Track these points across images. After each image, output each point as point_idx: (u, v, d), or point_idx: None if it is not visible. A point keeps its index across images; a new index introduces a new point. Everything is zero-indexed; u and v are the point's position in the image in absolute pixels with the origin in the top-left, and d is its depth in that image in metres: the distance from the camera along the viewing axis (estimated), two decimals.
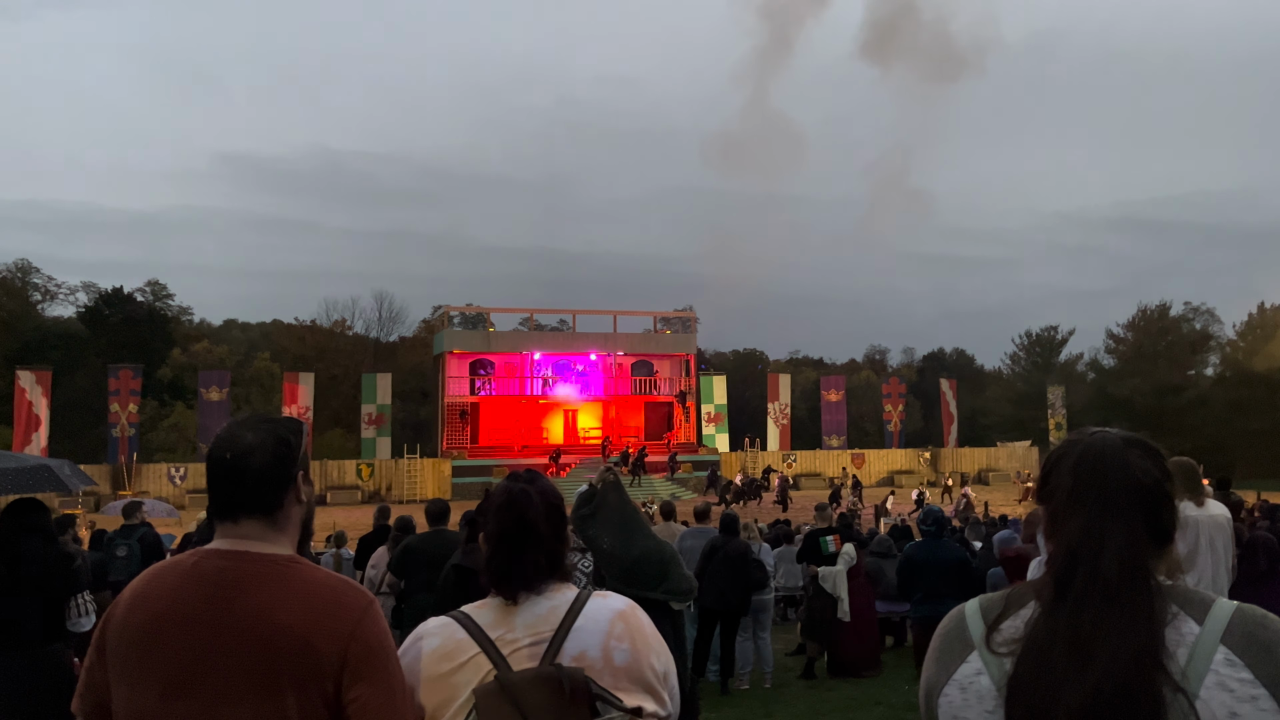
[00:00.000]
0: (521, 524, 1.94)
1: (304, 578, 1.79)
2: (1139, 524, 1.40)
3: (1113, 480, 1.43)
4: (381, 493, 40.46)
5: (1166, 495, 1.44)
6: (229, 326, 77.40)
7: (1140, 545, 1.39)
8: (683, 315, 55.41)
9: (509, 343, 48.42)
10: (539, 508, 1.96)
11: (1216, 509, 5.23)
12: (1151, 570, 1.39)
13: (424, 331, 66.75)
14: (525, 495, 1.98)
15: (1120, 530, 1.39)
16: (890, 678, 9.59)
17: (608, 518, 5.65)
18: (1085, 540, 1.40)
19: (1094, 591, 1.35)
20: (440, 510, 7.90)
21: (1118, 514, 1.41)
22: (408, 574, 7.40)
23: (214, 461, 1.86)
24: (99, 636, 1.82)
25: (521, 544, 1.92)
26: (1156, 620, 1.33)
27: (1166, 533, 1.44)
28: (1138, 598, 1.34)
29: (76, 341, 56.26)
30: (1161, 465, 1.47)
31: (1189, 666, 1.31)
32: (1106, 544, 1.38)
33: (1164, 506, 1.44)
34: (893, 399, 51.64)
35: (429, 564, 7.19)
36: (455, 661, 1.83)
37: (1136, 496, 1.42)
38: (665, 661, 1.94)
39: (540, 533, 1.94)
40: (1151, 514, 1.42)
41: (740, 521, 9.74)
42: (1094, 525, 1.40)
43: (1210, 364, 65.16)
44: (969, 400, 62.16)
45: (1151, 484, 1.43)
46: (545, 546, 1.94)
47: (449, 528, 7.82)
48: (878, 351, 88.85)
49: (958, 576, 7.69)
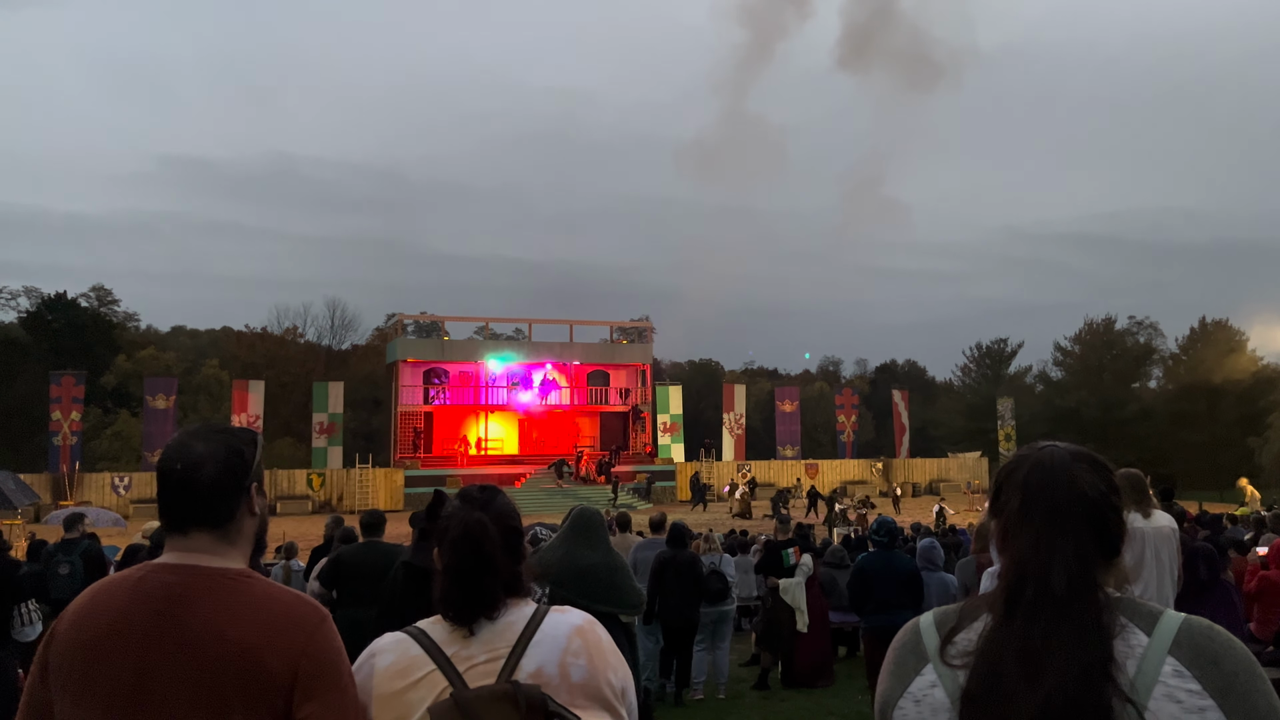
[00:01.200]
0: (478, 557, 1.89)
1: (255, 592, 1.76)
2: (1087, 537, 1.42)
3: (1060, 494, 1.45)
4: (333, 503, 39.88)
5: (1113, 508, 1.46)
6: (177, 333, 75.96)
7: (1088, 558, 1.41)
8: (639, 325, 55.44)
9: (464, 352, 48.12)
10: (495, 539, 1.91)
11: (1163, 520, 5.34)
12: (1100, 583, 1.41)
13: (377, 340, 66.09)
14: (481, 526, 1.91)
15: (1068, 544, 1.41)
16: (843, 688, 9.65)
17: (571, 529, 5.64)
18: (1034, 554, 1.42)
19: (1044, 605, 1.37)
20: (375, 521, 7.75)
21: (1065, 528, 1.42)
22: (338, 585, 7.25)
23: (164, 472, 1.82)
24: (42, 653, 1.77)
25: (478, 576, 1.88)
26: (1105, 632, 1.35)
27: (1114, 545, 1.46)
28: (1086, 610, 1.36)
29: (17, 347, 54.85)
30: (1108, 478, 1.49)
31: (1137, 678, 1.33)
32: (1055, 558, 1.40)
33: (1111, 519, 1.46)
34: (846, 410, 52.12)
35: (360, 576, 7.10)
36: (410, 679, 1.80)
37: (1083, 510, 1.44)
38: (623, 677, 1.92)
39: (497, 564, 1.90)
40: (1099, 527, 1.44)
41: (691, 532, 9.75)
42: (1043, 539, 1.42)
43: (1154, 377, 66.70)
44: (920, 411, 62.96)
45: (1098, 497, 1.45)
46: (502, 575, 1.90)
47: (384, 539, 7.72)
48: (831, 363, 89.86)
49: (910, 587, 7.76)
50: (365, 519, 7.82)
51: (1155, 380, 66.42)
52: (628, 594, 5.64)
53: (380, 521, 7.79)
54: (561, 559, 5.53)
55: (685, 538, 9.32)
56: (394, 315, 57.37)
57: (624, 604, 5.53)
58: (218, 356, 61.67)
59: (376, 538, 7.63)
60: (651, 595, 8.76)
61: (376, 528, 7.69)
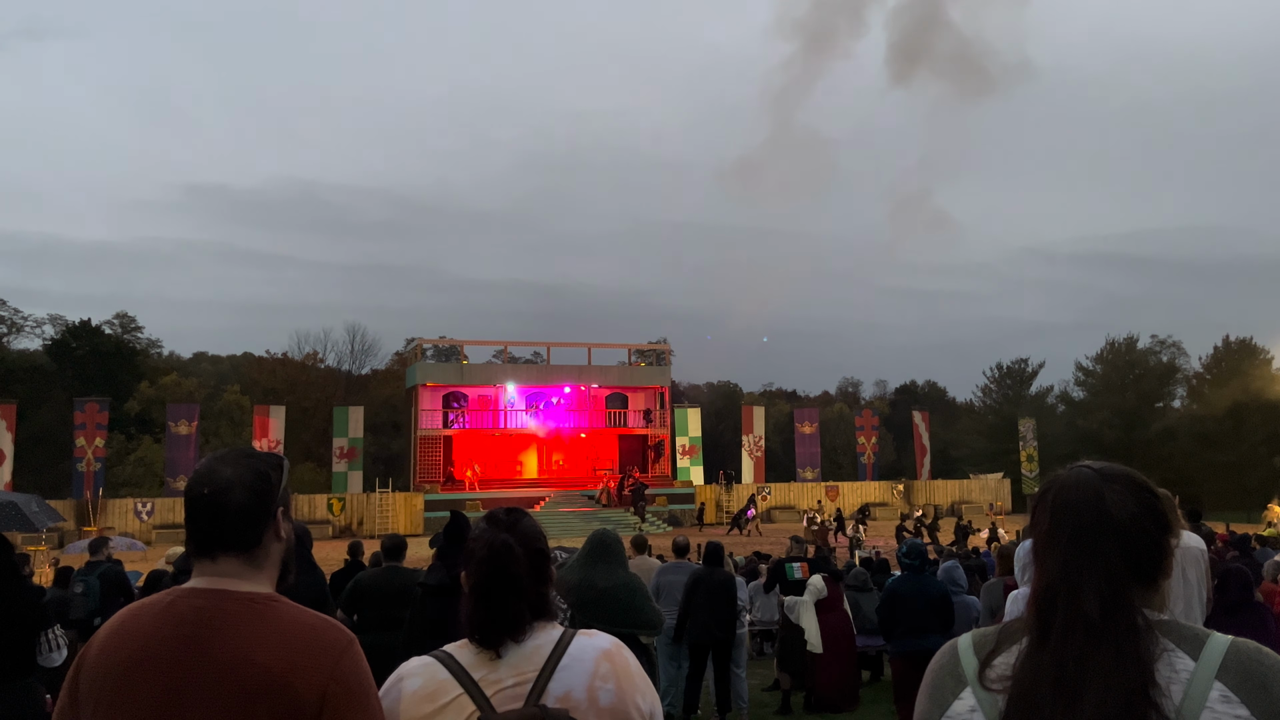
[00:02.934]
0: (505, 579, 1.89)
1: (283, 616, 1.76)
2: (1118, 560, 1.39)
3: (1086, 516, 1.42)
4: (353, 527, 40.00)
5: (1145, 531, 1.42)
6: (198, 359, 76.67)
7: (1120, 581, 1.38)
8: (657, 348, 55.47)
9: (482, 375, 48.26)
10: (521, 560, 1.91)
11: (1191, 540, 5.29)
12: (1136, 606, 1.37)
13: (397, 364, 66.41)
14: (507, 549, 1.91)
15: (1097, 567, 1.38)
16: (867, 712, 9.54)
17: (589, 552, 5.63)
18: (1063, 577, 1.39)
19: (1076, 629, 1.34)
20: (396, 545, 7.75)
21: (1093, 550, 1.40)
22: (359, 610, 7.24)
23: (192, 497, 1.83)
24: (72, 677, 1.77)
25: (504, 598, 1.88)
26: (1145, 657, 1.31)
27: (1151, 568, 1.42)
28: (1122, 634, 1.33)
29: (42, 375, 55.41)
30: (1145, 500, 1.45)
31: (1184, 705, 1.30)
32: (1084, 581, 1.37)
33: (1144, 541, 1.41)
34: (866, 431, 51.83)
35: (381, 600, 7.09)
36: (438, 703, 1.79)
37: (1113, 532, 1.40)
38: (651, 701, 1.91)
39: (523, 585, 1.89)
40: (1131, 549, 1.40)
41: (725, 552, 9.67)
42: (1071, 562, 1.40)
43: (1177, 396, 66.05)
44: (941, 432, 62.57)
45: (1128, 519, 1.41)
46: (528, 597, 1.89)
47: (405, 565, 7.70)
48: (850, 384, 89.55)
49: (940, 611, 7.68)
50: (386, 543, 7.83)
51: (1179, 400, 65.80)
52: (647, 615, 5.62)
53: (401, 546, 7.80)
54: (580, 581, 5.52)
55: (720, 556, 9.26)
56: (413, 340, 57.65)
57: (643, 625, 5.50)
58: (239, 382, 62.15)
59: (397, 562, 7.63)
60: (683, 614, 8.69)
61: (397, 552, 7.70)
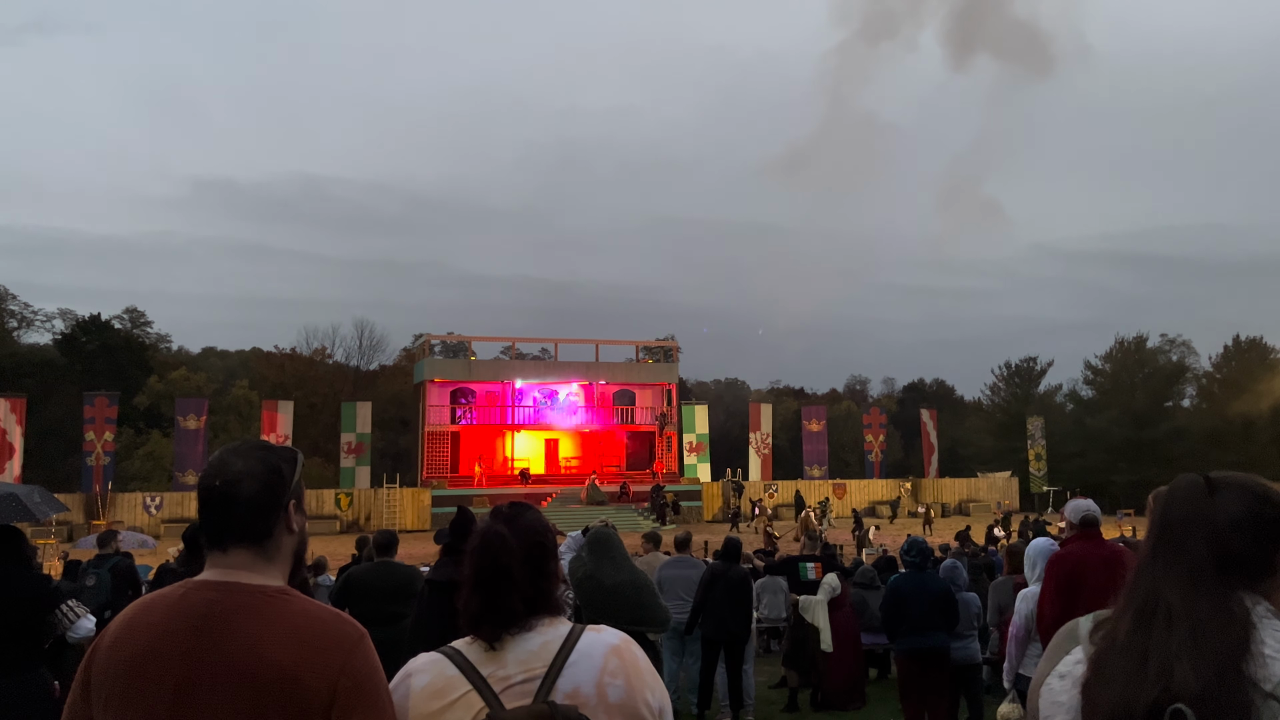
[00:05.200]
0: (495, 569, 1.89)
1: (294, 610, 1.76)
2: (1205, 558, 1.46)
3: (1175, 513, 1.52)
4: (360, 522, 40.09)
5: (1244, 533, 1.48)
6: (207, 354, 76.79)
7: (1205, 577, 1.44)
8: (664, 345, 55.44)
9: (490, 371, 48.30)
10: (515, 551, 1.91)
11: None
12: (1226, 597, 1.43)
13: (404, 360, 66.46)
14: (499, 539, 1.92)
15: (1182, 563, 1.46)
16: (874, 710, 9.54)
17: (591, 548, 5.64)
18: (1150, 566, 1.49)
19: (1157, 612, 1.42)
20: (387, 541, 7.70)
21: (1180, 547, 1.48)
22: (349, 605, 7.14)
23: (204, 489, 1.84)
24: (84, 669, 1.78)
25: (495, 589, 1.88)
26: (1235, 637, 1.37)
27: (1249, 568, 1.47)
28: (1203, 620, 1.39)
29: (52, 369, 55.60)
30: (1251, 506, 1.51)
31: None
32: (1169, 573, 1.46)
33: (1240, 543, 1.47)
34: (873, 429, 51.76)
35: (371, 595, 7.08)
36: (446, 699, 1.79)
37: (1204, 533, 1.48)
38: (660, 697, 1.91)
39: (515, 577, 1.89)
40: (1223, 550, 1.47)
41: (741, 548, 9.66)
42: (1159, 555, 1.49)
43: (1187, 396, 65.79)
44: (949, 430, 62.38)
45: (1225, 523, 1.49)
46: (521, 590, 1.88)
47: (398, 559, 7.68)
48: (858, 382, 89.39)
49: (944, 609, 7.66)
50: (378, 539, 7.80)
51: (1188, 399, 65.54)
52: (654, 612, 5.61)
53: (393, 542, 7.76)
54: (585, 579, 5.52)
55: (737, 553, 9.25)
56: (421, 336, 57.66)
57: (650, 622, 5.50)
58: (247, 377, 62.28)
59: (389, 557, 7.59)
60: (697, 608, 8.69)
61: (389, 548, 7.65)
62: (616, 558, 5.66)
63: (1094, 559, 5.08)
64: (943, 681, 7.72)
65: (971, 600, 8.78)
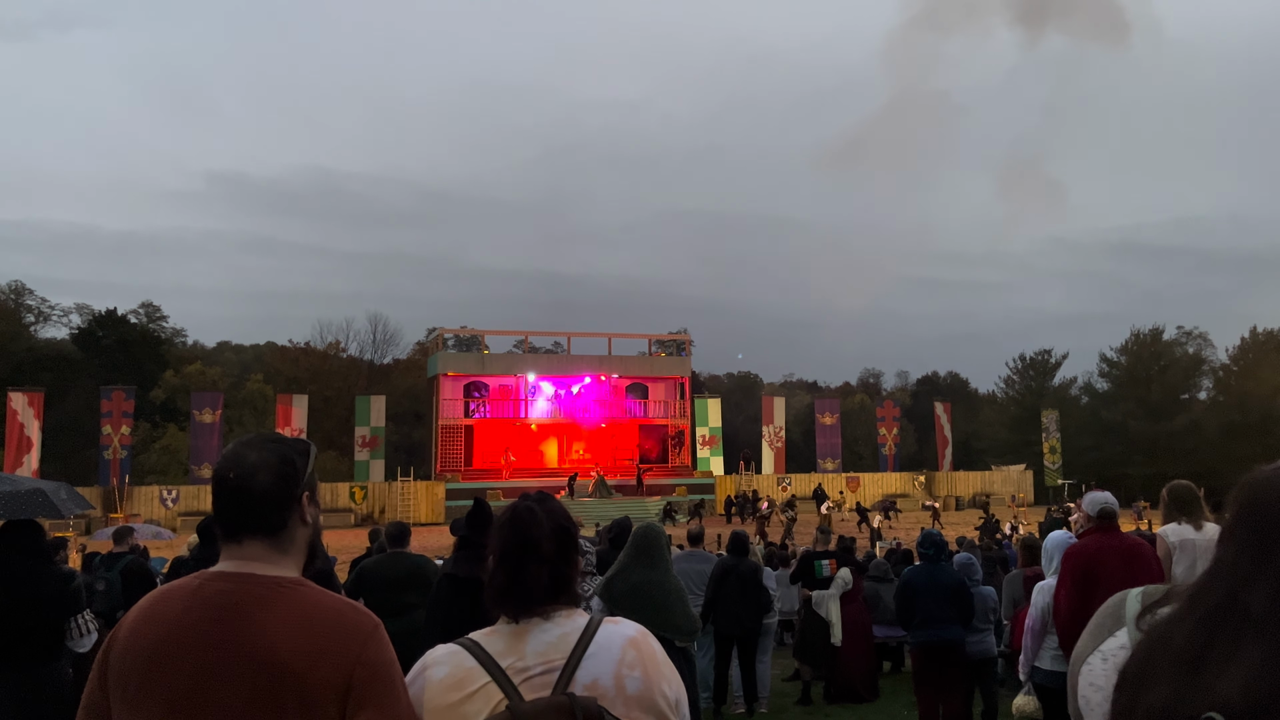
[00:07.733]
0: (524, 541, 1.90)
1: (308, 601, 1.76)
2: None
3: (1268, 514, 1.39)
4: (375, 515, 40.25)
5: None
6: (222, 348, 77.21)
7: None
8: (677, 338, 55.44)
9: (503, 365, 48.38)
10: (543, 525, 1.93)
11: (1214, 531, 5.22)
12: None
13: (418, 354, 66.66)
14: (530, 512, 1.95)
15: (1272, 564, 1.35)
16: (887, 703, 9.52)
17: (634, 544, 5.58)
18: (1234, 567, 1.37)
19: (1232, 615, 1.32)
20: (399, 532, 7.76)
21: (1269, 549, 1.37)
22: (363, 596, 7.18)
23: (218, 481, 1.84)
24: (101, 659, 1.79)
25: (523, 561, 1.88)
26: None
27: None
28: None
29: (69, 363, 56.03)
30: None
31: None
32: (1256, 575, 1.34)
33: None
34: (887, 422, 51.62)
35: (383, 586, 7.13)
36: (464, 691, 1.78)
37: None
38: (677, 689, 1.91)
39: (542, 550, 1.90)
40: None
41: (750, 543, 9.66)
42: (1244, 554, 1.37)
43: (1203, 388, 65.33)
44: (963, 423, 62.18)
45: None
46: (548, 565, 1.89)
47: (409, 550, 7.70)
48: (872, 375, 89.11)
49: (957, 601, 7.63)
50: (390, 530, 7.86)
51: (1205, 392, 65.09)
52: (679, 619, 5.46)
53: (405, 533, 7.81)
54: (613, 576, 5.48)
55: (746, 547, 9.25)
56: (434, 329, 57.78)
57: (672, 629, 5.34)
58: (262, 371, 62.62)
59: (401, 548, 7.63)
60: (709, 603, 8.67)
61: (401, 539, 7.71)
62: (654, 558, 5.58)
63: (1110, 552, 5.04)
64: (957, 675, 7.70)
65: (987, 594, 8.75)
